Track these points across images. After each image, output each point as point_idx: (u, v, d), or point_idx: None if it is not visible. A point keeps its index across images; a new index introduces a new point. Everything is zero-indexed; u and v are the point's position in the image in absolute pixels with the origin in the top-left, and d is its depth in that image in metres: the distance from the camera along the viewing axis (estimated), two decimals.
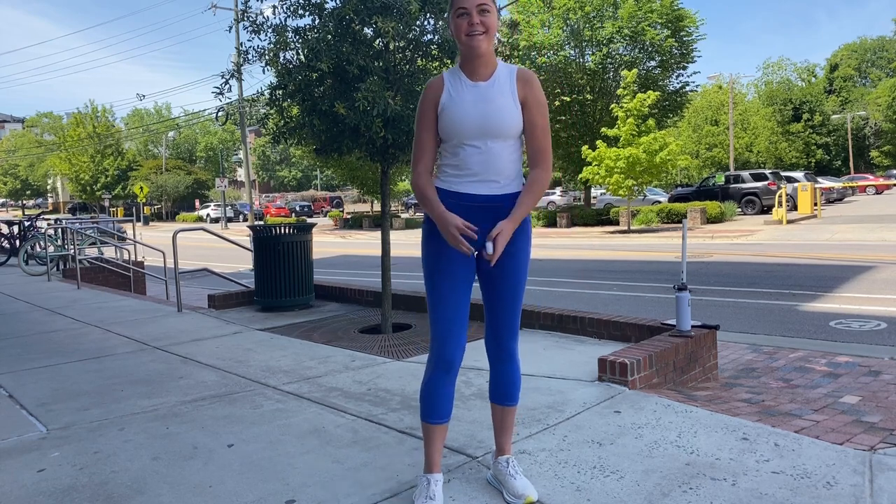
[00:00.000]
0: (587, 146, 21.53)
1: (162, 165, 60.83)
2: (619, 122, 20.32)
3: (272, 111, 5.51)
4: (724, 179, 26.06)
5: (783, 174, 26.58)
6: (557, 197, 42.86)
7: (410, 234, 26.17)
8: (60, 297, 8.59)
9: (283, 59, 5.22)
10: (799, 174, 27.66)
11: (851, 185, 33.12)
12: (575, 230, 23.11)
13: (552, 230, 23.81)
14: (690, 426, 2.94)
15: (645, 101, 19.97)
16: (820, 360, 4.58)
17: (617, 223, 23.16)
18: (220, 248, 22.36)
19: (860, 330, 5.90)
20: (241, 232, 28.65)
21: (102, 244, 12.47)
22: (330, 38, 4.95)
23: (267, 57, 5.20)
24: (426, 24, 5.11)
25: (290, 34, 5.16)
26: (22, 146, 75.43)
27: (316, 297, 7.12)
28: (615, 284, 9.66)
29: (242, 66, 5.42)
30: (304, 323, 6.02)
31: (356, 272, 13.36)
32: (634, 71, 21.32)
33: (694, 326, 4.06)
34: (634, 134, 19.91)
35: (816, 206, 22.42)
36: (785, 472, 2.45)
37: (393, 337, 5.29)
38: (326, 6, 5.13)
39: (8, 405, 3.73)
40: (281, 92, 5.33)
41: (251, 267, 7.50)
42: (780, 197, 20.07)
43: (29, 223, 13.96)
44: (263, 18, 5.21)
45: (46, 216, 23.37)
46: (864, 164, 57.20)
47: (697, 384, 3.93)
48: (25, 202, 74.23)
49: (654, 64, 25.29)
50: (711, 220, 21.64)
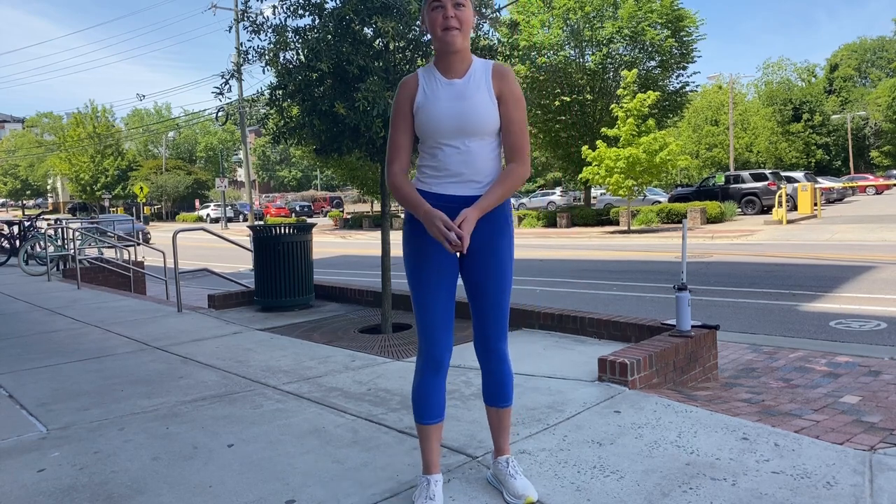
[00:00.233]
0: (587, 146, 21.53)
1: (162, 165, 60.84)
2: (619, 122, 20.32)
3: (272, 111, 5.51)
4: (724, 179, 26.06)
5: (783, 174, 26.59)
6: (557, 197, 42.91)
7: None
8: (60, 297, 8.59)
9: (283, 59, 5.22)
10: (799, 174, 27.67)
11: (851, 185, 33.12)
12: (575, 230, 23.11)
13: (552, 230, 23.81)
14: (690, 426, 2.94)
15: (645, 101, 19.97)
16: (820, 360, 4.58)
17: (617, 223, 23.16)
18: (220, 248, 22.36)
19: (860, 330, 5.90)
20: (241, 232, 28.65)
21: (125, 246, 12.32)
22: (330, 38, 4.95)
23: (267, 57, 5.20)
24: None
25: (290, 34, 5.16)
26: (22, 146, 75.41)
27: (316, 297, 7.12)
28: (615, 284, 9.66)
29: (242, 66, 5.42)
30: (304, 323, 6.02)
31: (356, 272, 13.36)
32: (634, 71, 21.32)
33: (694, 326, 4.06)
34: (634, 134, 19.92)
35: (816, 206, 22.42)
36: (785, 472, 2.45)
37: (393, 337, 5.30)
38: (326, 6, 5.13)
39: (8, 405, 3.73)
40: (281, 92, 5.33)
41: (251, 267, 7.50)
42: (780, 197, 20.07)
43: (29, 223, 13.97)
44: (263, 18, 5.21)
45: (46, 216, 23.37)
46: (864, 164, 57.21)
47: (697, 384, 3.93)
48: (25, 202, 74.24)
49: (654, 64, 25.28)
50: (711, 220, 21.65)
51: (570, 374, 3.81)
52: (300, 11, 5.19)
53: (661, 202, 27.31)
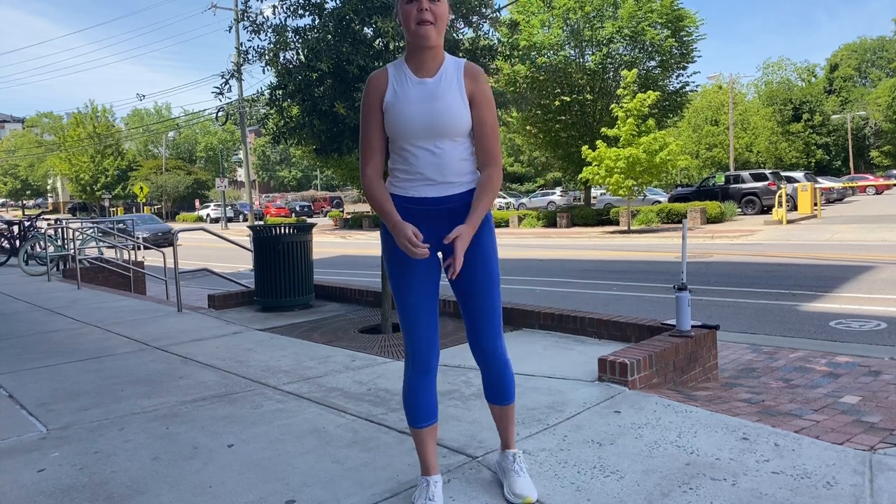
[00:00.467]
0: (587, 146, 21.52)
1: (162, 165, 60.85)
2: (619, 122, 20.32)
3: (272, 111, 5.51)
4: (724, 179, 26.06)
5: (783, 174, 26.58)
6: (557, 197, 42.88)
7: None
8: (60, 297, 8.59)
9: (283, 59, 5.22)
10: (799, 174, 27.66)
11: (851, 185, 33.11)
12: (575, 230, 23.11)
13: (552, 230, 23.81)
14: (690, 426, 2.94)
15: (645, 101, 19.97)
16: (820, 360, 4.58)
17: (617, 223, 23.16)
18: (220, 248, 22.35)
19: (860, 330, 5.90)
20: (241, 232, 28.65)
21: (146, 248, 12.18)
22: (330, 38, 4.95)
23: (267, 57, 5.21)
24: None
25: (290, 34, 5.16)
26: (22, 146, 75.42)
27: (316, 297, 7.12)
28: (615, 284, 9.66)
29: (242, 66, 5.43)
30: (304, 323, 6.02)
31: (356, 272, 13.36)
32: (634, 71, 21.32)
33: (694, 326, 4.06)
34: (634, 134, 19.91)
35: (816, 206, 22.42)
36: (785, 472, 2.45)
37: (393, 337, 5.30)
38: (326, 6, 5.14)
39: (8, 405, 3.73)
40: (281, 92, 5.33)
41: (251, 267, 7.50)
42: (780, 197, 20.07)
43: (29, 223, 13.97)
44: (263, 18, 5.21)
45: (46, 216, 23.37)
46: (864, 164, 57.20)
47: (697, 384, 3.93)
48: (25, 202, 74.24)
49: (654, 64, 25.28)
50: (711, 220, 21.65)
51: (570, 374, 3.81)
52: (300, 11, 5.19)
53: (661, 202, 27.30)
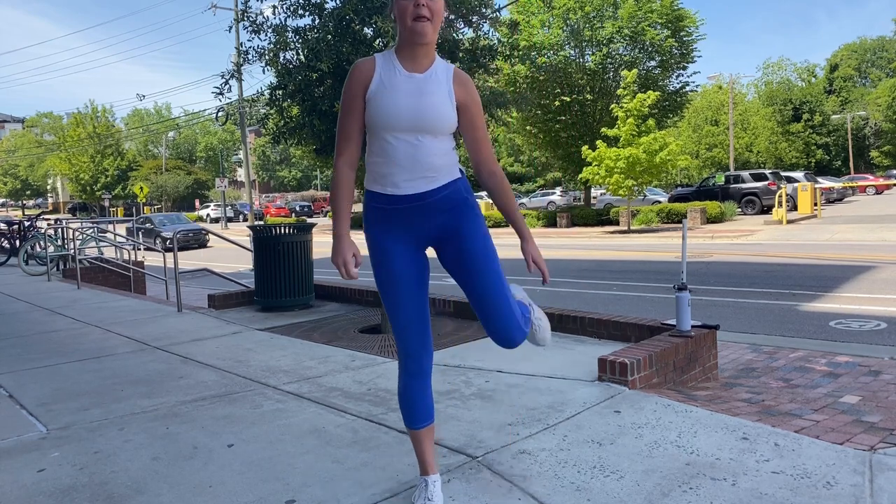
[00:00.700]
0: (587, 146, 21.53)
1: (162, 165, 60.87)
2: (619, 122, 20.32)
3: (272, 111, 5.51)
4: (724, 179, 26.06)
5: (783, 174, 26.58)
6: (557, 197, 42.85)
7: None
8: (60, 297, 8.59)
9: (283, 59, 5.22)
10: (799, 174, 27.67)
11: (851, 185, 33.12)
12: (575, 230, 23.11)
13: (552, 230, 23.81)
14: (690, 426, 2.94)
15: (645, 101, 19.97)
16: (820, 359, 4.58)
17: (617, 223, 23.16)
18: (220, 247, 22.36)
19: (860, 330, 5.90)
20: (241, 232, 28.65)
21: (192, 246, 12.04)
22: (330, 38, 4.96)
23: (267, 57, 5.21)
24: None
25: (290, 34, 5.16)
26: (22, 146, 75.42)
27: (316, 297, 7.12)
28: (615, 284, 9.66)
29: (242, 66, 5.43)
30: (304, 323, 6.02)
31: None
32: (634, 71, 21.33)
33: (694, 326, 4.06)
34: (634, 134, 19.92)
35: (816, 206, 22.42)
36: (785, 471, 2.45)
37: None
38: (326, 6, 5.14)
39: (8, 405, 3.73)
40: (281, 92, 5.33)
41: (251, 267, 7.50)
42: (780, 197, 20.07)
43: (29, 223, 13.97)
44: (263, 18, 5.21)
45: (46, 216, 23.37)
46: (864, 164, 57.21)
47: (697, 384, 3.93)
48: (25, 202, 74.24)
49: (654, 64, 25.29)
50: (711, 220, 21.65)
51: (570, 374, 3.81)
52: (300, 11, 5.19)
53: (661, 202, 27.31)
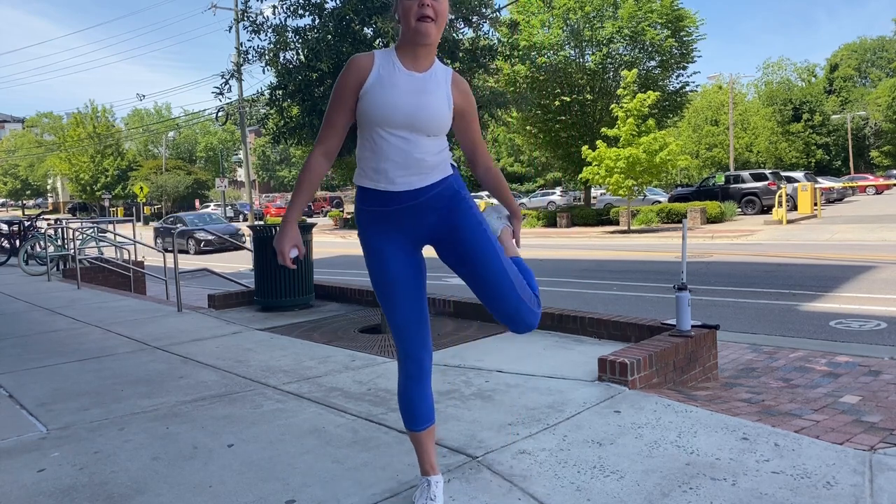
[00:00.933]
0: (587, 146, 21.53)
1: (162, 165, 60.82)
2: (619, 122, 20.32)
3: (272, 111, 5.52)
4: (724, 179, 26.06)
5: (783, 174, 26.58)
6: (557, 197, 42.84)
7: None
8: (60, 297, 8.59)
9: (283, 59, 5.23)
10: (799, 174, 27.65)
11: (851, 185, 33.10)
12: (575, 230, 23.11)
13: (552, 230, 23.81)
14: (690, 426, 2.94)
15: (645, 101, 19.97)
16: (820, 359, 4.58)
17: (617, 223, 23.16)
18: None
19: (860, 330, 5.90)
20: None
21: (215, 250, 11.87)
22: (330, 38, 4.96)
23: (267, 57, 5.21)
24: None
25: (290, 34, 5.16)
26: (22, 146, 75.36)
27: (316, 297, 7.12)
28: (615, 284, 9.66)
29: (242, 66, 5.43)
30: (304, 323, 6.02)
31: (356, 272, 13.35)
32: (634, 71, 21.32)
33: (694, 326, 4.06)
34: (634, 134, 19.91)
35: (816, 206, 22.42)
36: (785, 471, 2.45)
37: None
38: (326, 6, 5.14)
39: (8, 405, 3.73)
40: (281, 92, 5.33)
41: (251, 267, 7.50)
42: (780, 197, 20.06)
43: (29, 223, 13.97)
44: (263, 18, 5.22)
45: (46, 216, 23.36)
46: (864, 164, 57.19)
47: (697, 384, 3.93)
48: (25, 202, 74.23)
49: (654, 64, 25.28)
50: (711, 220, 21.64)
51: (570, 374, 3.81)
52: (300, 11, 5.19)
53: (661, 202, 27.30)
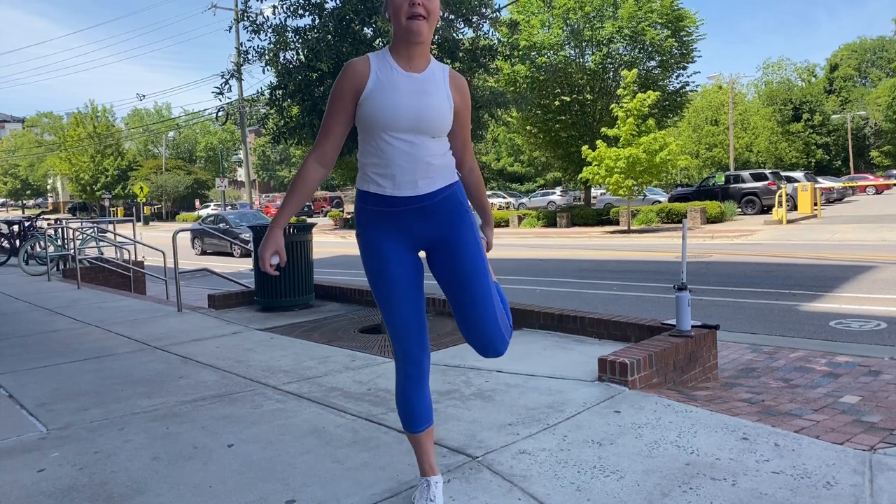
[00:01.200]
0: (587, 146, 21.53)
1: (162, 165, 60.83)
2: (619, 122, 20.33)
3: (272, 111, 5.52)
4: (724, 179, 26.06)
5: (783, 174, 26.59)
6: (557, 197, 42.83)
7: None
8: (60, 297, 8.59)
9: (283, 59, 5.23)
10: (799, 174, 27.67)
11: (851, 185, 33.12)
12: (575, 230, 23.11)
13: (552, 230, 23.81)
14: (690, 426, 2.94)
15: (645, 101, 19.97)
16: (820, 360, 4.58)
17: (617, 223, 23.16)
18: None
19: (860, 330, 5.90)
20: None
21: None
22: (330, 38, 4.96)
23: (267, 57, 5.22)
24: None
25: (290, 34, 5.17)
26: (22, 146, 75.36)
27: (316, 297, 7.12)
28: (615, 284, 9.66)
29: (242, 66, 5.44)
30: (304, 323, 6.02)
31: (356, 272, 13.36)
32: (634, 71, 21.32)
33: (694, 326, 4.06)
34: (634, 134, 19.92)
35: (816, 205, 22.42)
36: (785, 471, 2.45)
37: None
38: (326, 6, 5.14)
39: (8, 405, 3.73)
40: (281, 92, 5.34)
41: (251, 267, 7.50)
42: (780, 197, 20.07)
43: (29, 223, 13.97)
44: (263, 18, 5.22)
45: (46, 216, 23.37)
46: (864, 164, 57.20)
47: (697, 384, 3.93)
48: (25, 202, 74.23)
49: (654, 64, 25.29)
50: (711, 220, 21.65)
51: (570, 374, 3.81)
52: (300, 11, 5.20)
53: (661, 202, 27.30)
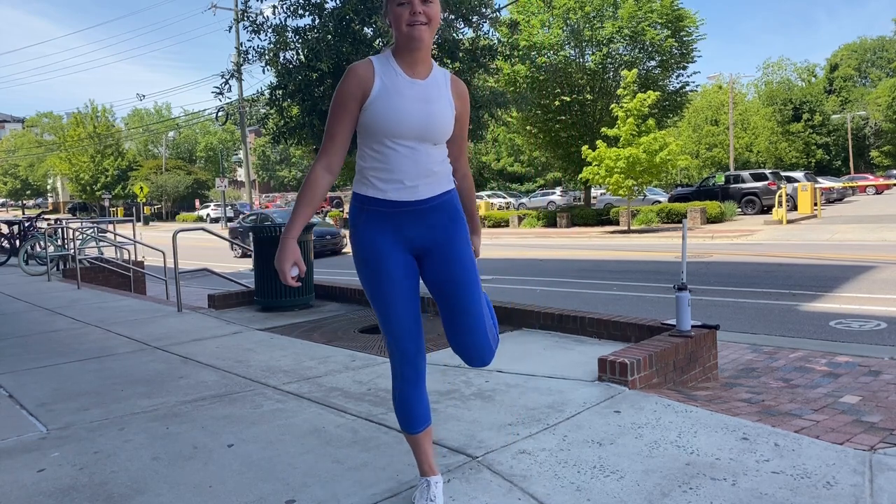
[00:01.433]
0: (587, 146, 21.53)
1: (162, 165, 60.84)
2: (619, 122, 20.33)
3: (272, 111, 5.52)
4: (724, 179, 26.07)
5: (783, 174, 26.60)
6: (557, 197, 42.83)
7: None
8: (60, 297, 8.59)
9: (283, 59, 5.23)
10: (799, 174, 27.68)
11: (851, 185, 33.12)
12: (575, 230, 23.11)
13: (552, 230, 23.81)
14: (690, 426, 2.93)
15: (645, 101, 19.98)
16: (820, 360, 4.58)
17: (617, 223, 23.16)
18: (219, 247, 22.33)
19: (860, 330, 5.90)
20: None
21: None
22: (330, 38, 4.96)
23: (267, 57, 5.22)
24: None
25: (290, 34, 5.17)
26: (22, 146, 75.37)
27: (316, 297, 7.12)
28: (615, 284, 9.66)
29: (242, 66, 5.44)
30: (304, 323, 6.02)
31: (356, 272, 13.36)
32: (634, 71, 21.33)
33: (694, 326, 4.06)
34: (634, 134, 19.92)
35: (816, 206, 22.42)
36: (785, 471, 2.45)
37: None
38: (326, 6, 5.14)
39: (8, 405, 3.73)
40: (281, 92, 5.34)
41: (251, 267, 7.50)
42: (780, 197, 20.07)
43: (29, 223, 13.97)
44: (263, 18, 5.22)
45: (46, 216, 23.37)
46: (864, 164, 57.20)
47: (697, 384, 3.93)
48: (25, 202, 74.21)
49: (654, 64, 25.29)
50: (711, 220, 21.65)
51: (570, 374, 3.81)
52: (300, 11, 5.20)
53: (661, 202, 27.30)
